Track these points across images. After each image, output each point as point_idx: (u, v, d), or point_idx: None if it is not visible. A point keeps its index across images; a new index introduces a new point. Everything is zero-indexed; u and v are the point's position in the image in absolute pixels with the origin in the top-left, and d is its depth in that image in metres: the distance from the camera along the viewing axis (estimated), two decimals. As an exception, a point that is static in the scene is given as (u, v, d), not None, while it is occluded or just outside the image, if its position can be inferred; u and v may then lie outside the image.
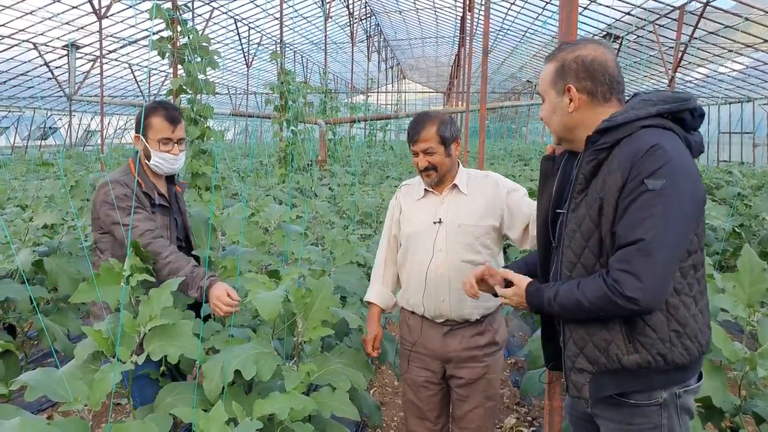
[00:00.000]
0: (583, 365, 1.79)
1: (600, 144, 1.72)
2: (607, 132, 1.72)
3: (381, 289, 2.84)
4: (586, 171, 1.75)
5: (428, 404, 2.79)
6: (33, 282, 3.89)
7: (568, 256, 1.81)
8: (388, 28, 35.12)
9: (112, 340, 2.05)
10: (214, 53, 6.29)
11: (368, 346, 2.74)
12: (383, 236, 2.90)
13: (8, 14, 17.60)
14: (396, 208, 2.84)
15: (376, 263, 2.90)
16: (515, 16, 23.29)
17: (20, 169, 13.88)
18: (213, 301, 2.41)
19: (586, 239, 1.75)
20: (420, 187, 2.75)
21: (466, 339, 2.67)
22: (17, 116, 26.15)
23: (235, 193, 8.24)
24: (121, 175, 2.68)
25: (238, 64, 28.28)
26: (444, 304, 2.63)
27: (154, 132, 2.67)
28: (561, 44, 1.91)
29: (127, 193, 2.58)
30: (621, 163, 1.65)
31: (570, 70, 1.80)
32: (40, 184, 7.55)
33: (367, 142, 23.56)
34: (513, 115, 45.12)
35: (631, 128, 1.69)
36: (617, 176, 1.66)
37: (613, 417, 1.82)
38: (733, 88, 21.64)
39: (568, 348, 1.84)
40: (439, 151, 2.60)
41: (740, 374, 2.52)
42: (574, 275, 1.79)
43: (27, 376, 1.91)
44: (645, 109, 1.71)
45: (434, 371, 2.75)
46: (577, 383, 1.83)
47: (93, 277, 2.21)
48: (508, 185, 2.69)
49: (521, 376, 4.68)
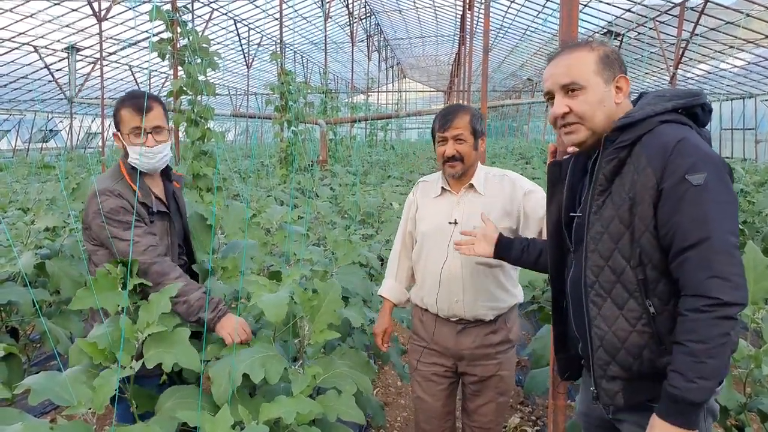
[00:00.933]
0: (616, 372, 1.73)
1: (620, 142, 1.67)
2: (626, 129, 1.68)
3: (394, 284, 2.86)
4: (607, 171, 1.70)
5: (437, 398, 2.76)
6: (35, 285, 3.89)
7: (593, 260, 1.74)
8: (388, 28, 35.12)
9: (109, 349, 2.04)
10: (214, 54, 6.29)
11: (378, 339, 2.78)
12: (398, 231, 2.91)
13: (9, 17, 17.64)
14: (412, 205, 2.82)
15: (391, 258, 2.92)
16: (515, 14, 23.27)
17: (21, 172, 13.91)
18: (227, 331, 2.29)
19: (615, 241, 1.69)
20: (437, 185, 2.72)
21: (480, 337, 2.65)
22: (18, 119, 26.19)
23: (237, 194, 8.23)
24: (112, 181, 2.46)
25: (239, 65, 28.31)
26: (458, 304, 2.61)
27: (124, 125, 2.46)
28: (587, 38, 1.87)
29: (123, 205, 2.39)
30: (650, 161, 1.60)
31: (615, 60, 1.75)
32: (41, 186, 7.56)
33: (368, 141, 23.57)
34: (514, 113, 45.12)
35: (650, 124, 1.66)
36: (648, 174, 1.60)
37: (639, 422, 1.74)
38: (735, 85, 21.63)
39: (597, 357, 1.76)
40: (468, 141, 2.58)
41: (745, 372, 2.51)
42: (601, 279, 1.72)
43: (30, 380, 1.90)
44: (661, 105, 1.68)
45: (445, 366, 2.74)
46: (609, 391, 1.76)
47: (91, 284, 2.19)
48: (525, 186, 2.64)
49: (525, 376, 4.68)
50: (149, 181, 2.59)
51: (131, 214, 2.39)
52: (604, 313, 1.73)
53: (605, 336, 1.73)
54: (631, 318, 1.69)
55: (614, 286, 1.71)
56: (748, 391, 2.54)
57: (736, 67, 20.30)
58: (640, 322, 1.67)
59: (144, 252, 2.34)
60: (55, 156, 16.98)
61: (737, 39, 16.81)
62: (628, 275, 1.68)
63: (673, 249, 1.58)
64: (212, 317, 2.31)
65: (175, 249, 2.68)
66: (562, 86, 1.77)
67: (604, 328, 1.73)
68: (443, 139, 2.59)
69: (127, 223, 2.36)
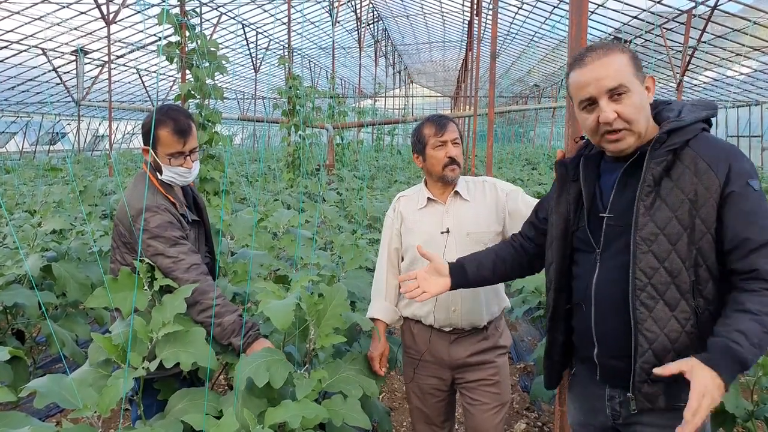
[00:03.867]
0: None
1: (671, 144, 1.70)
2: (675, 132, 1.71)
3: (384, 304, 2.76)
4: (657, 172, 1.70)
5: (435, 410, 2.78)
6: (41, 287, 3.90)
7: (646, 261, 1.71)
8: (396, 33, 35.19)
9: (123, 347, 2.05)
10: (222, 58, 6.30)
11: (375, 363, 2.62)
12: (382, 250, 2.82)
13: (17, 20, 17.75)
14: (396, 220, 2.78)
15: (377, 278, 2.82)
16: (523, 20, 23.27)
17: (29, 175, 13.98)
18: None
19: (673, 242, 1.68)
20: (420, 197, 2.72)
21: (473, 345, 2.66)
22: (26, 121, 26.33)
23: (244, 198, 8.25)
24: (152, 196, 2.43)
25: (246, 69, 28.39)
26: (455, 314, 2.60)
27: (163, 147, 2.44)
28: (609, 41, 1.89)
29: (170, 220, 2.39)
30: (713, 164, 1.65)
31: (639, 61, 1.77)
32: (48, 189, 7.59)
33: (375, 146, 23.60)
34: (521, 119, 45.12)
35: (695, 130, 1.70)
36: (711, 177, 1.65)
37: (655, 422, 1.77)
38: (741, 92, 21.57)
39: (644, 360, 1.73)
40: (460, 145, 2.66)
41: (753, 379, 2.51)
42: (654, 281, 1.71)
43: (36, 383, 1.91)
44: (699, 113, 1.73)
45: (442, 378, 2.73)
46: (650, 395, 1.75)
47: (108, 283, 2.20)
48: (505, 188, 2.69)
49: (531, 381, 4.67)
50: (177, 191, 2.61)
51: (177, 228, 2.40)
52: (656, 315, 1.71)
53: (657, 338, 1.71)
54: (682, 319, 1.70)
55: (668, 288, 1.70)
56: (755, 399, 2.53)
57: (742, 75, 20.26)
58: (689, 323, 1.69)
59: (188, 270, 2.34)
60: (62, 159, 17.06)
61: (744, 46, 16.77)
62: (683, 276, 1.69)
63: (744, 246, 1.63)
64: (245, 342, 2.30)
65: (203, 250, 2.70)
66: (608, 90, 1.71)
67: (655, 330, 1.71)
68: (442, 143, 2.60)
69: (172, 239, 2.36)
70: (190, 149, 2.49)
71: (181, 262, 2.33)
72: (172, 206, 2.46)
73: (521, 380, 5.09)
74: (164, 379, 2.38)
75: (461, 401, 2.78)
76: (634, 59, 1.74)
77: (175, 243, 2.35)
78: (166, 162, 2.46)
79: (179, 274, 2.32)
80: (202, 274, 2.36)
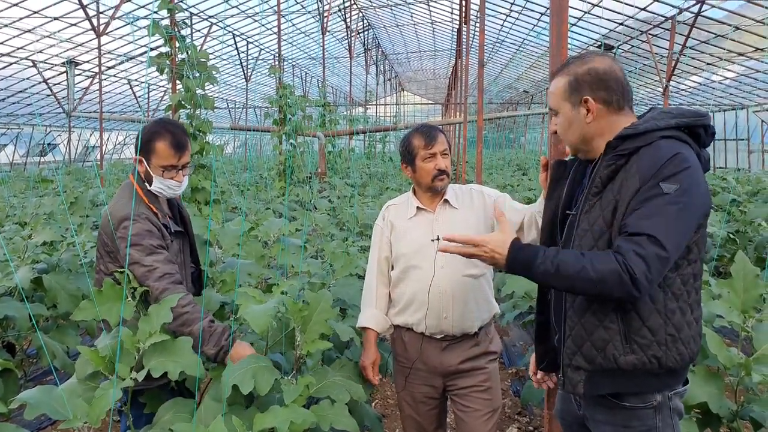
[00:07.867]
0: (580, 363, 1.84)
1: (620, 150, 1.78)
2: (628, 139, 1.78)
3: (375, 313, 2.76)
4: (604, 175, 1.80)
5: (427, 418, 2.80)
6: (32, 299, 3.89)
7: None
8: (386, 42, 35.29)
9: (110, 358, 2.06)
10: (212, 68, 6.32)
11: (368, 372, 2.63)
12: (372, 259, 2.82)
13: (7, 33, 17.72)
14: (385, 228, 2.79)
15: (366, 287, 2.82)
16: (510, 28, 23.43)
17: (19, 186, 13.91)
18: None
19: (596, 239, 1.79)
20: (410, 206, 2.74)
21: (464, 351, 2.67)
22: (16, 133, 26.24)
23: (235, 207, 8.25)
24: (137, 205, 2.44)
25: (237, 79, 28.40)
26: (447, 321, 2.62)
27: (157, 158, 2.49)
28: (569, 59, 1.96)
29: (150, 228, 2.42)
30: (641, 169, 1.71)
31: (584, 82, 1.85)
32: (39, 200, 7.57)
33: (366, 153, 23.63)
34: (511, 124, 45.28)
35: (651, 137, 1.75)
36: (635, 180, 1.71)
37: (607, 420, 1.87)
38: (727, 96, 21.76)
39: (567, 345, 1.88)
40: (449, 156, 2.70)
41: (736, 380, 2.54)
42: None
43: (26, 395, 1.92)
44: (665, 120, 1.78)
45: (434, 386, 2.74)
46: (572, 380, 1.87)
47: (94, 295, 2.21)
48: (492, 194, 2.74)
49: (522, 386, 4.69)
50: (162, 201, 2.63)
51: (156, 237, 2.43)
52: (576, 305, 1.84)
53: (575, 327, 1.85)
54: (600, 313, 1.79)
55: None
56: (740, 399, 2.56)
57: (727, 79, 20.43)
58: (607, 319, 1.78)
59: (160, 278, 2.35)
60: (53, 170, 17.01)
61: (728, 52, 16.93)
62: None
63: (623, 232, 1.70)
64: (215, 353, 2.30)
65: (188, 261, 2.73)
66: (550, 109, 1.97)
67: (574, 319, 1.85)
68: (432, 155, 2.64)
69: (149, 248, 2.38)
70: (183, 164, 2.54)
71: (154, 270, 2.35)
72: (154, 216, 2.49)
73: (513, 385, 5.11)
74: (152, 391, 2.39)
75: (453, 408, 2.79)
76: (573, 83, 1.88)
77: (152, 252, 2.37)
78: (158, 173, 2.50)
79: (151, 282, 2.35)
80: (173, 283, 2.37)
